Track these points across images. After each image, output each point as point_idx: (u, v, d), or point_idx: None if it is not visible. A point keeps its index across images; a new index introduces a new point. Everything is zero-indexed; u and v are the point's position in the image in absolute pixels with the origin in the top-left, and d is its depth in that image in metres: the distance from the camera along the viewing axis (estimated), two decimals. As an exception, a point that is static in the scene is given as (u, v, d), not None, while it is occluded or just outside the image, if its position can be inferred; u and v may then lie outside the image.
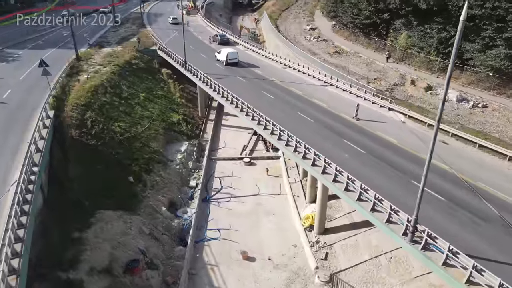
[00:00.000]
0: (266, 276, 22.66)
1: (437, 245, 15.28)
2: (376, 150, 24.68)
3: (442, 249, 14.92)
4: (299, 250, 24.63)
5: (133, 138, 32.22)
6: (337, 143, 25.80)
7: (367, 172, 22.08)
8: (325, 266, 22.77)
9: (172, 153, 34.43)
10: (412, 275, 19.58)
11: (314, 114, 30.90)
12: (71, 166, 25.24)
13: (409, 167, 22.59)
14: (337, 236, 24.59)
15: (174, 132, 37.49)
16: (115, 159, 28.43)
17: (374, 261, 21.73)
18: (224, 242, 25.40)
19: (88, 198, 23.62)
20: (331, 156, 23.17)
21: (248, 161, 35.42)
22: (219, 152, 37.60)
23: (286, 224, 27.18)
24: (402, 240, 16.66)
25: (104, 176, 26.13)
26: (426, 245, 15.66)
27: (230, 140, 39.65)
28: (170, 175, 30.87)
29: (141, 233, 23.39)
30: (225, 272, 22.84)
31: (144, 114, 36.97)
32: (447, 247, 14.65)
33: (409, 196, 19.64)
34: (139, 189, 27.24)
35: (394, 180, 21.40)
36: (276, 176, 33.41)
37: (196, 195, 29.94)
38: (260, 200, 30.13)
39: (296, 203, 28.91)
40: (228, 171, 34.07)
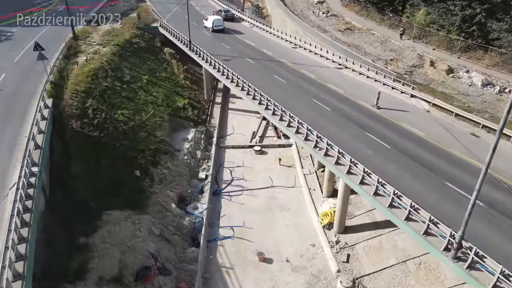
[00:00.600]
0: (285, 279, 21.43)
1: (485, 265, 13.76)
2: (402, 145, 22.83)
3: (493, 270, 13.40)
4: (318, 250, 23.31)
5: (138, 127, 30.28)
6: (358, 136, 23.92)
7: (395, 172, 20.37)
8: (347, 269, 21.49)
9: (179, 141, 32.61)
10: (444, 285, 18.28)
11: (330, 101, 28.82)
12: (73, 162, 23.48)
13: (441, 166, 20.85)
14: (358, 236, 23.19)
15: (180, 119, 35.50)
16: (120, 152, 26.63)
17: (401, 266, 20.39)
18: (238, 242, 24.04)
19: (93, 197, 22.04)
20: (353, 151, 21.49)
21: (259, 149, 33.65)
22: (227, 140, 35.76)
23: (302, 221, 25.75)
24: (443, 256, 15.14)
25: (109, 171, 24.42)
26: (472, 263, 14.14)
27: (238, 126, 37.73)
28: (178, 167, 29.17)
29: (151, 235, 21.93)
30: (241, 276, 21.58)
31: (148, 100, 34.84)
32: (499, 270, 13.12)
33: (444, 201, 18.20)
34: (147, 184, 25.61)
35: (426, 181, 19.66)
36: (289, 166, 31.77)
37: (206, 188, 28.38)
38: (273, 193, 28.61)
39: (312, 198, 27.39)
40: (238, 161, 32.37)
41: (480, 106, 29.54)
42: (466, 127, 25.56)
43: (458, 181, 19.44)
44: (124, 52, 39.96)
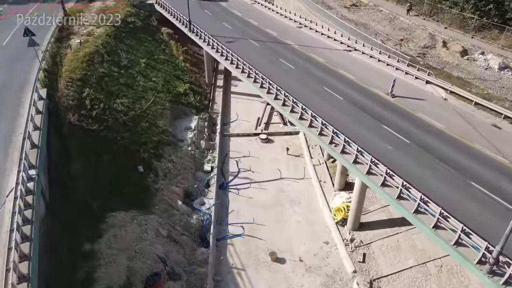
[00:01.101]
0: (299, 281, 20.67)
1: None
2: (421, 139, 21.59)
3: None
4: (331, 248, 22.50)
5: (138, 117, 28.65)
6: (375, 129, 22.60)
7: (417, 171, 19.20)
8: (364, 270, 20.74)
9: (181, 131, 31.11)
10: (469, 291, 17.57)
11: (342, 88, 27.27)
12: (72, 160, 21.96)
13: (464, 162, 19.74)
14: (374, 234, 22.34)
15: (181, 105, 33.84)
16: (121, 146, 25.15)
17: (421, 268, 19.63)
18: (249, 240, 23.14)
19: (96, 198, 20.75)
20: (370, 147, 20.34)
21: (265, 137, 32.30)
22: (231, 127, 34.29)
23: (314, 216, 24.81)
24: (476, 269, 14.23)
25: (111, 169, 23.05)
26: (510, 278, 13.26)
27: (242, 112, 36.19)
28: (183, 159, 27.86)
29: (159, 236, 20.89)
30: (253, 278, 20.79)
31: (148, 86, 33.00)
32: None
33: (471, 203, 17.15)
34: (151, 180, 24.35)
35: (449, 181, 18.56)
36: (297, 156, 30.57)
37: (212, 181, 27.20)
38: (282, 186, 27.53)
39: (323, 191, 26.37)
40: (244, 150, 31.08)
41: (498, 92, 28.17)
42: (487, 117, 24.30)
43: (483, 180, 18.41)
44: (119, 33, 37.70)
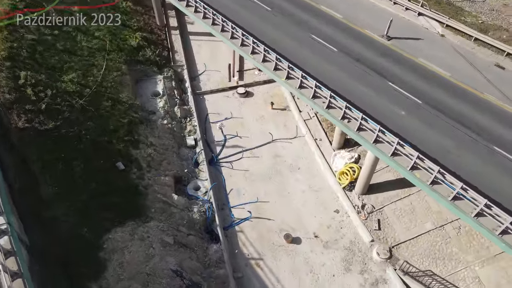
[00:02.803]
0: (320, 260, 20.25)
1: None
2: (430, 95, 19.86)
3: None
4: (343, 217, 21.92)
5: (96, 95, 23.72)
6: (381, 87, 20.35)
7: (437, 138, 17.87)
8: (381, 238, 20.62)
9: (148, 99, 26.74)
10: (491, 252, 18.07)
11: (330, 34, 23.86)
12: (37, 180, 18.02)
13: (481, 121, 18.64)
14: (384, 197, 21.85)
15: (140, 64, 28.55)
16: (88, 141, 20.92)
17: (440, 231, 19.79)
18: (257, 222, 21.78)
19: (82, 222, 17.62)
20: (381, 113, 18.56)
21: (243, 92, 28.91)
22: (201, 81, 30.14)
23: (317, 182, 23.62)
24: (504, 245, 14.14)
25: (86, 176, 19.36)
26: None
27: (209, 59, 31.69)
28: (161, 139, 24.30)
29: (166, 247, 18.78)
30: (274, 266, 19.99)
31: (93, 46, 26.96)
32: None
33: (499, 175, 16.45)
34: (136, 177, 21.09)
35: (471, 148, 17.56)
36: (283, 110, 28.03)
37: (200, 157, 24.42)
38: (275, 149, 25.50)
39: (322, 151, 24.82)
40: (223, 110, 27.82)
41: (490, 17, 26.35)
42: (489, 56, 22.88)
43: (498, 139, 17.65)
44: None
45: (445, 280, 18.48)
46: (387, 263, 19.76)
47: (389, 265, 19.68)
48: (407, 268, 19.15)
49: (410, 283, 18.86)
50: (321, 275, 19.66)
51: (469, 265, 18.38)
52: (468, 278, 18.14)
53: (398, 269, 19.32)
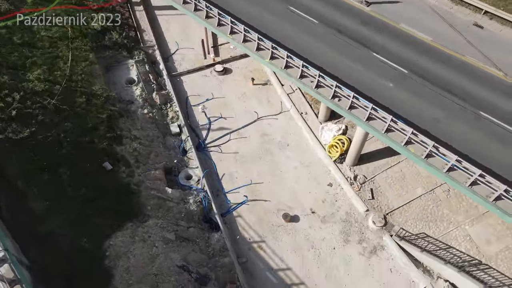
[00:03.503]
0: (320, 235, 20.85)
1: None
2: (414, 64, 19.81)
3: None
4: (337, 190, 22.39)
5: (67, 91, 22.16)
6: (367, 60, 20.05)
7: (425, 107, 18.08)
8: (375, 206, 21.34)
9: (123, 88, 25.36)
10: (479, 211, 19.09)
11: (309, 4, 22.91)
12: (26, 195, 17.07)
13: (466, 86, 18.91)
14: (375, 166, 22.35)
15: (107, 50, 26.68)
16: (69, 144, 19.73)
17: (430, 195, 20.62)
18: (254, 205, 21.92)
19: (81, 233, 17.09)
20: (370, 88, 18.51)
21: (221, 69, 27.87)
22: (176, 61, 28.73)
23: (308, 157, 23.74)
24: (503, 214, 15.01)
25: (74, 182, 18.52)
26: None
27: (179, 36, 30.10)
28: (145, 130, 23.36)
29: (168, 244, 18.68)
30: (276, 247, 20.44)
31: (54, 35, 24.83)
32: None
33: (487, 140, 17.00)
34: (126, 176, 20.38)
35: (459, 115, 17.90)
36: (264, 84, 27.40)
37: (188, 144, 23.82)
38: (262, 128, 25.20)
39: (309, 125, 24.76)
40: (203, 91, 26.90)
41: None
42: (467, 15, 22.84)
43: (483, 104, 18.08)
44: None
45: (438, 240, 19.56)
46: (383, 230, 20.63)
47: (385, 232, 20.57)
48: (402, 233, 20.07)
49: (406, 247, 19.88)
50: (322, 250, 20.34)
51: (460, 225, 19.47)
52: (459, 237, 19.28)
53: (394, 235, 20.24)
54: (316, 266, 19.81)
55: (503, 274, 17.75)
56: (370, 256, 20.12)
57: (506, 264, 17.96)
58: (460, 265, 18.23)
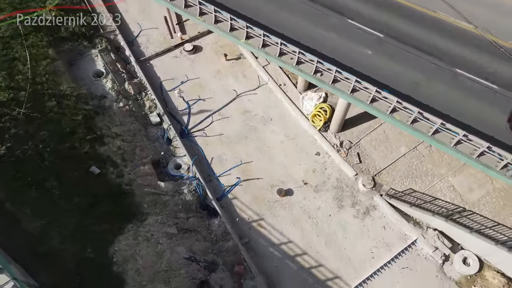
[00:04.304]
0: (314, 205, 21.64)
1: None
2: (389, 26, 19.55)
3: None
4: (325, 158, 22.96)
5: (34, 96, 20.82)
6: (342, 28, 19.74)
7: (404, 71, 18.34)
8: (364, 170, 22.18)
9: (93, 82, 24.12)
10: (460, 162, 20.25)
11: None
12: (17, 215, 16.52)
13: (440, 44, 19.16)
14: (359, 131, 22.94)
15: (66, 42, 24.89)
16: (50, 155, 18.89)
17: (414, 152, 21.60)
18: (248, 185, 22.24)
19: (83, 244, 16.98)
20: (349, 57, 18.49)
21: (191, 48, 26.77)
22: (142, 44, 27.27)
23: (293, 129, 23.94)
24: (502, 176, 16.08)
25: (65, 194, 18.04)
26: None
27: (139, 16, 28.33)
28: (125, 125, 22.62)
29: (171, 238, 18.95)
30: (275, 223, 21.13)
31: (4, 34, 22.81)
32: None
33: (465, 98, 17.64)
34: (115, 177, 20.00)
35: (436, 75, 18.32)
36: (238, 58, 26.72)
37: (171, 133, 23.38)
38: (243, 105, 24.95)
39: (289, 96, 24.72)
40: (176, 73, 25.99)
41: None
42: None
43: (458, 60, 18.54)
44: None
45: (425, 194, 20.84)
46: (373, 191, 21.66)
47: (375, 192, 21.62)
48: (391, 192, 21.17)
49: (396, 204, 21.07)
50: (319, 218, 21.24)
51: (443, 177, 20.73)
52: (444, 188, 20.60)
53: (384, 194, 21.32)
54: (316, 235, 20.78)
55: (486, 218, 19.35)
56: (364, 217, 21.25)
57: (488, 208, 19.55)
58: (447, 215, 19.65)
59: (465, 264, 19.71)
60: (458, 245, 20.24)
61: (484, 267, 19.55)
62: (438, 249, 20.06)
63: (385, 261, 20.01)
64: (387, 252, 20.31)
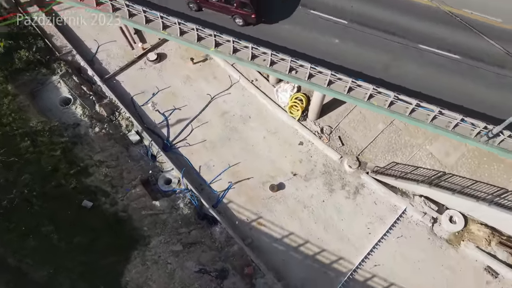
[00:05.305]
0: (307, 194, 22.43)
1: None
2: (351, 11, 20.07)
3: None
4: (309, 146, 23.62)
5: (5, 139, 19.97)
6: (307, 19, 19.96)
7: (373, 55, 18.93)
8: (347, 151, 23.07)
9: (61, 111, 23.27)
10: (435, 130, 21.50)
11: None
12: (21, 267, 16.22)
13: (402, 22, 19.74)
14: (336, 114, 23.66)
15: (23, 73, 23.63)
16: (39, 199, 18.48)
17: (391, 127, 22.66)
18: (240, 186, 22.66)
19: (94, 282, 17.03)
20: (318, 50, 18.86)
21: (155, 57, 26.11)
22: (103, 61, 26.28)
23: (273, 124, 24.30)
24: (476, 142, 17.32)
25: (64, 236, 17.86)
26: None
27: (95, 31, 27.05)
28: (105, 150, 22.16)
29: (178, 255, 19.31)
30: (274, 218, 21.84)
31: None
32: None
33: (435, 73, 18.55)
34: (109, 206, 19.87)
35: (404, 54, 19.05)
36: (205, 60, 26.39)
37: (154, 149, 23.17)
38: (220, 107, 24.92)
39: (263, 91, 24.93)
40: (146, 86, 25.41)
41: None
42: None
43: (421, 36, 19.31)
44: None
45: (407, 165, 22.11)
46: (359, 170, 22.69)
47: (361, 171, 22.66)
48: (376, 168, 22.30)
49: (382, 178, 22.22)
50: (313, 206, 22.13)
51: (421, 146, 22.04)
52: (423, 156, 21.94)
53: (370, 171, 22.43)
54: (314, 222, 21.73)
55: (465, 178, 20.92)
56: (355, 196, 22.35)
57: (465, 169, 21.12)
58: (429, 181, 21.02)
59: (452, 222, 21.35)
60: (443, 206, 21.81)
61: (469, 222, 21.28)
62: (426, 213, 21.55)
63: (381, 234, 21.32)
64: (382, 225, 21.62)
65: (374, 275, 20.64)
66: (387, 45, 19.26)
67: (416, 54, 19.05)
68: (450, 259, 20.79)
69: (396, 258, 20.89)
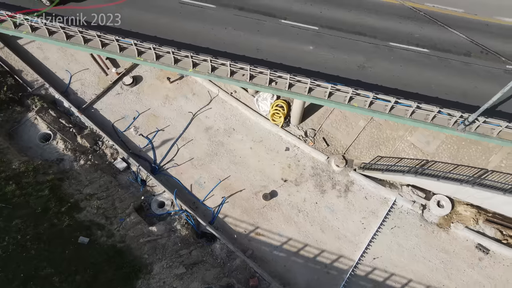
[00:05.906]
0: (300, 198, 22.89)
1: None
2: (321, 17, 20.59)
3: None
4: (295, 151, 24.08)
5: (-11, 185, 19.46)
6: (280, 30, 20.26)
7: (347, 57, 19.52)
8: (333, 151, 23.67)
9: (42, 148, 22.79)
10: (413, 121, 22.36)
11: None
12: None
13: (370, 23, 20.48)
14: (318, 117, 24.21)
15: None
16: (33, 243, 18.12)
17: (372, 123, 23.38)
18: (234, 199, 22.90)
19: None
20: (294, 59, 19.26)
21: (131, 81, 25.92)
22: (78, 91, 25.89)
23: (258, 133, 24.62)
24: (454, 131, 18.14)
25: (66, 278, 17.55)
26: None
27: (65, 60, 26.70)
28: (94, 182, 21.87)
29: (183, 278, 19.34)
30: (272, 227, 22.19)
31: None
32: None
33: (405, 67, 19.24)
34: (107, 239, 19.68)
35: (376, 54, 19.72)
36: (181, 78, 26.41)
37: (143, 174, 23.05)
38: (203, 123, 25.04)
39: (243, 102, 25.20)
40: (125, 111, 25.29)
41: None
42: None
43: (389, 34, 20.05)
44: None
45: (391, 157, 22.91)
46: (346, 168, 23.33)
47: (349, 169, 23.31)
48: (362, 164, 22.99)
49: (370, 173, 22.95)
50: (307, 209, 22.61)
51: (402, 138, 22.87)
52: (405, 147, 22.79)
53: (357, 168, 23.10)
54: (310, 225, 22.21)
55: (447, 163, 21.88)
56: (346, 194, 22.97)
57: (446, 155, 22.08)
58: (414, 170, 21.88)
59: (440, 206, 22.29)
60: (430, 192, 22.72)
61: (456, 204, 22.27)
62: (415, 201, 22.41)
63: (376, 228, 22.03)
64: (375, 218, 22.33)
65: (374, 267, 21.32)
66: (359, 46, 19.87)
67: (387, 52, 19.72)
68: (443, 241, 21.71)
69: (393, 248, 21.64)
